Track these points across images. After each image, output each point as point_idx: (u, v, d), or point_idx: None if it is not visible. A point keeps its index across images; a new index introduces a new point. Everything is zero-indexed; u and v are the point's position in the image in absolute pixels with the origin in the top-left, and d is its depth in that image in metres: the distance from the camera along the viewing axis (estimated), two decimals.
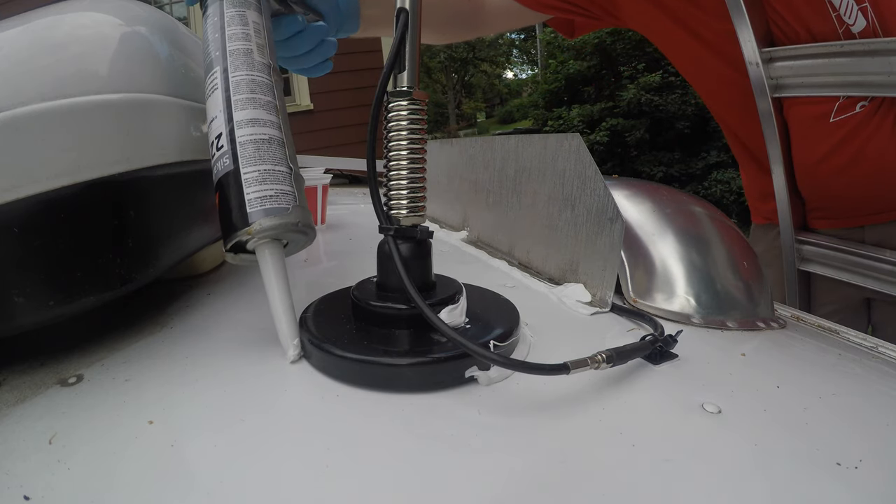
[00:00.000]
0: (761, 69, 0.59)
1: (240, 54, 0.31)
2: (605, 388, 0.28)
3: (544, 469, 0.21)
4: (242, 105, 0.30)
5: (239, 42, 0.31)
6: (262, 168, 0.29)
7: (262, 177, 0.29)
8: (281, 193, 0.30)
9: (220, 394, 0.27)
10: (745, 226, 0.80)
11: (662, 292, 0.39)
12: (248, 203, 0.28)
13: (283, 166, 0.30)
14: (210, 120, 0.31)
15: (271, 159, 0.30)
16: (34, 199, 0.26)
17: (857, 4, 0.52)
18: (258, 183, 0.29)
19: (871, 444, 0.24)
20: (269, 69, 0.32)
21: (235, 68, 0.31)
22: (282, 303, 0.30)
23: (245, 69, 0.31)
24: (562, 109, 7.49)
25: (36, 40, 0.28)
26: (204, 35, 0.33)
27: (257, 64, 0.31)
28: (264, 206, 0.29)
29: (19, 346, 0.33)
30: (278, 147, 0.31)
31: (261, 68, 0.32)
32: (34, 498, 0.20)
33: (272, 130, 0.30)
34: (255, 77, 0.31)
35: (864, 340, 0.39)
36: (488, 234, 0.61)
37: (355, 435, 0.24)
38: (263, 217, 0.28)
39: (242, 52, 0.31)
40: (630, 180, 0.48)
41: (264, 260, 0.30)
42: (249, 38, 0.32)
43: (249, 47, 0.32)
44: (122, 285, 0.30)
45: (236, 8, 0.33)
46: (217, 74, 0.31)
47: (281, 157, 0.30)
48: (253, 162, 0.29)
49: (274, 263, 0.30)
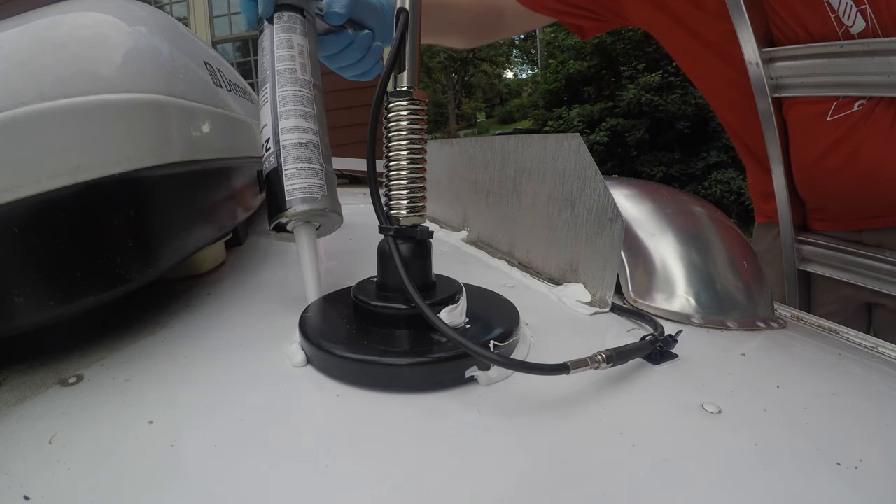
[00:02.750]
0: (761, 69, 0.59)
1: (286, 73, 0.37)
2: (605, 388, 0.28)
3: (544, 469, 0.21)
4: (286, 115, 0.36)
5: (285, 63, 0.38)
6: (299, 166, 0.36)
7: (299, 173, 0.36)
8: (314, 186, 0.36)
9: (220, 394, 0.27)
10: (745, 226, 0.80)
11: (662, 292, 0.39)
12: (288, 193, 0.35)
13: (317, 164, 0.37)
14: (262, 126, 0.37)
15: (307, 159, 0.36)
16: (34, 199, 0.26)
17: (857, 6, 0.52)
18: (296, 177, 0.36)
19: (871, 444, 0.24)
20: (310, 85, 0.38)
21: (282, 85, 0.37)
22: (311, 271, 0.37)
23: (290, 85, 0.37)
24: (562, 109, 7.50)
25: (36, 40, 0.28)
26: (259, 54, 0.39)
27: (300, 81, 0.38)
28: (301, 196, 0.35)
29: (19, 346, 0.33)
30: (314, 149, 0.37)
31: (303, 84, 0.38)
32: (34, 498, 0.20)
33: (310, 136, 0.37)
34: (297, 92, 0.37)
35: (864, 340, 0.39)
36: (488, 234, 0.61)
37: (355, 435, 0.24)
38: (299, 204, 0.35)
39: (288, 71, 0.37)
40: (630, 180, 0.48)
41: (300, 237, 0.38)
42: (294, 59, 0.38)
43: (294, 67, 0.38)
44: (122, 285, 0.30)
45: (284, 33, 0.38)
46: (268, 90, 0.37)
47: (315, 157, 0.37)
48: (293, 161, 0.36)
49: (307, 241, 0.38)
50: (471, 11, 0.77)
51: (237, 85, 0.59)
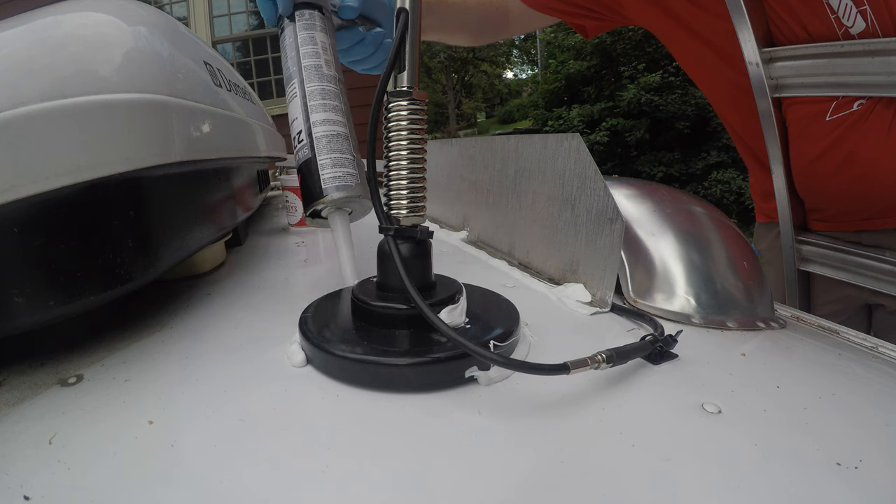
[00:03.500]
0: (761, 69, 0.59)
1: (312, 69, 0.39)
2: (605, 388, 0.28)
3: (544, 469, 0.21)
4: (316, 109, 0.38)
5: (311, 59, 0.39)
6: (332, 156, 0.38)
7: (332, 162, 0.38)
8: (347, 174, 0.39)
9: (220, 394, 0.27)
10: (745, 226, 0.80)
11: (662, 292, 0.39)
12: (323, 181, 0.38)
13: (349, 154, 0.39)
14: (292, 120, 0.39)
15: (339, 150, 0.39)
16: (34, 199, 0.26)
17: (857, 7, 0.52)
18: (330, 167, 0.38)
19: (871, 444, 0.24)
20: (335, 80, 0.40)
21: (309, 80, 0.39)
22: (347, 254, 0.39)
23: (317, 80, 0.39)
24: (562, 109, 7.49)
25: (36, 40, 0.28)
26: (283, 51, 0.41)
27: (325, 76, 0.40)
28: (335, 184, 0.38)
29: (19, 346, 0.33)
30: (345, 140, 0.39)
31: (329, 79, 0.40)
32: (34, 498, 0.20)
33: (340, 128, 0.39)
34: (324, 87, 0.39)
35: (864, 340, 0.39)
36: (488, 234, 0.61)
37: (355, 435, 0.24)
38: (335, 192, 0.38)
39: (314, 67, 0.39)
40: (630, 180, 0.48)
41: (334, 222, 0.40)
42: (318, 56, 0.40)
43: (319, 63, 0.40)
44: (121, 285, 0.30)
45: (307, 31, 0.40)
46: (295, 85, 0.39)
47: (347, 147, 0.39)
48: (326, 151, 0.38)
49: (342, 225, 0.40)
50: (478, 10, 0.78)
51: (237, 85, 0.59)
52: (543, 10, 0.78)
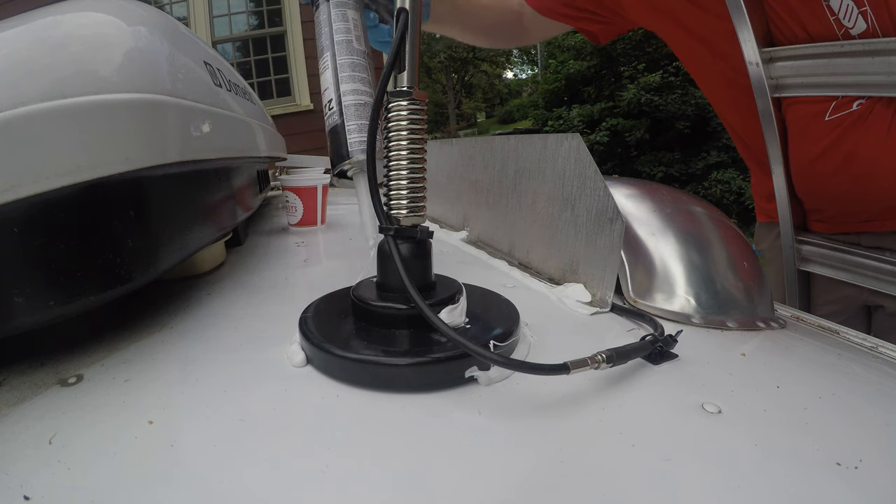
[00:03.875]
0: (761, 69, 0.58)
1: (343, 44, 0.42)
2: (605, 388, 0.28)
3: (544, 469, 0.21)
4: (346, 80, 0.41)
5: (342, 34, 0.42)
6: (359, 122, 0.40)
7: (359, 128, 0.40)
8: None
9: (220, 394, 0.27)
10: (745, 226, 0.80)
11: (662, 292, 0.39)
12: (350, 144, 0.40)
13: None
14: (324, 90, 0.42)
15: (366, 116, 0.40)
16: (34, 199, 0.26)
17: (857, 7, 0.52)
18: (357, 132, 0.40)
19: (871, 444, 0.24)
20: (364, 54, 0.43)
21: (341, 53, 0.41)
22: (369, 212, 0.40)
23: (347, 54, 0.41)
24: (562, 109, 7.50)
25: (36, 40, 0.28)
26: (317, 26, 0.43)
27: (356, 50, 0.42)
28: (360, 147, 0.39)
29: (19, 346, 0.33)
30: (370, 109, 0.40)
31: (358, 54, 0.42)
32: (34, 498, 0.20)
33: (367, 98, 0.41)
34: (354, 60, 0.42)
35: (864, 340, 0.39)
36: (488, 234, 0.61)
37: (355, 435, 0.24)
38: (360, 154, 0.39)
39: (345, 42, 0.42)
40: (630, 180, 0.48)
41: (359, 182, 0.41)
42: (349, 31, 0.42)
43: (350, 38, 0.42)
44: (122, 285, 0.30)
45: (339, 8, 0.43)
46: (328, 58, 0.42)
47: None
48: (353, 118, 0.40)
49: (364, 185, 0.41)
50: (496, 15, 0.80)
51: (237, 85, 0.59)
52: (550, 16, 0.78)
